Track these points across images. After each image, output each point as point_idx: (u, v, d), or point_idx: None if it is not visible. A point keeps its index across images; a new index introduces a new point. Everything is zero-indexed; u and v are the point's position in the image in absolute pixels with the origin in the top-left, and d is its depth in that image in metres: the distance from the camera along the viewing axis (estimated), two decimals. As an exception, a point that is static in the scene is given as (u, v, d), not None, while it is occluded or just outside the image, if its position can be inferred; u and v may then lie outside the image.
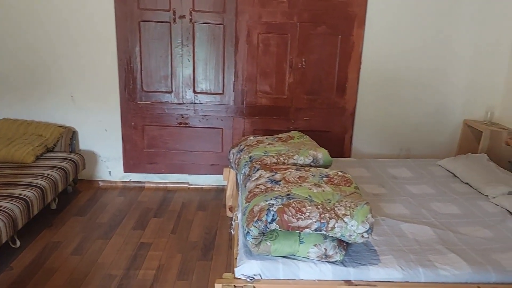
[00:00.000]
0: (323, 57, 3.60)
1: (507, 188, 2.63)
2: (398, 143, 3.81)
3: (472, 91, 3.72)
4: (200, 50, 3.55)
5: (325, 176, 2.19)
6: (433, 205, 2.52)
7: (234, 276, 1.85)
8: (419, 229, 2.20)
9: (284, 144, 2.76)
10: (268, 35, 3.55)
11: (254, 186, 2.14)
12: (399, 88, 3.71)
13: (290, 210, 1.83)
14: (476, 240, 2.12)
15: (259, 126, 3.73)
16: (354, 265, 1.87)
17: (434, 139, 3.82)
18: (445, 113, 3.77)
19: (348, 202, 1.90)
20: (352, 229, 1.80)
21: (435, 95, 3.73)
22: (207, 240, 2.94)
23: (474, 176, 2.86)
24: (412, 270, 1.86)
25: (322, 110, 3.71)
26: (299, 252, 1.87)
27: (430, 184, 2.84)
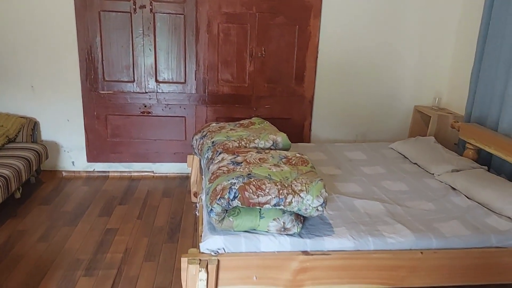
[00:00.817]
0: (282, 47, 3.73)
1: (451, 166, 2.87)
2: (354, 128, 4.02)
3: (421, 79, 3.97)
4: (162, 39, 3.60)
5: (284, 157, 2.33)
6: (384, 183, 2.72)
7: (199, 251, 1.96)
8: (370, 204, 2.38)
9: (245, 129, 2.88)
10: (228, 25, 3.65)
11: (217, 168, 2.25)
12: (354, 76, 3.90)
13: (250, 188, 1.95)
14: (420, 212, 2.33)
15: (221, 114, 3.83)
16: (310, 236, 2.02)
17: (388, 124, 4.06)
18: (397, 100, 4.01)
19: (304, 179, 2.05)
20: (307, 203, 1.95)
21: (388, 83, 3.96)
22: (173, 224, 3.03)
23: (422, 156, 3.09)
24: (363, 239, 2.04)
25: (282, 98, 3.85)
26: (259, 226, 2.00)
27: (382, 165, 3.04)
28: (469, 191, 2.55)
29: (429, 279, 2.09)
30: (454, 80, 3.88)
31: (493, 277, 2.14)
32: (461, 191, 2.60)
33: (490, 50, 3.24)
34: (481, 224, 2.23)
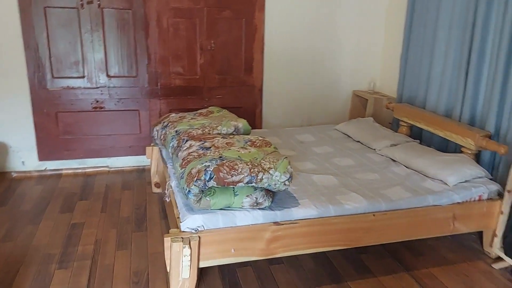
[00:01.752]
0: (230, 39, 3.91)
1: (389, 141, 3.25)
2: (300, 113, 4.32)
3: (357, 66, 4.35)
4: (111, 35, 3.63)
5: (248, 141, 2.54)
6: (334, 160, 3.03)
7: (180, 230, 2.11)
8: (325, 178, 2.67)
9: (205, 118, 3.05)
10: (177, 19, 3.76)
11: (187, 154, 2.41)
12: (298, 66, 4.19)
13: (224, 169, 2.14)
14: (369, 182, 2.66)
15: (174, 106, 3.94)
16: (279, 209, 2.25)
17: (330, 108, 4.41)
18: (337, 86, 4.37)
19: (271, 158, 2.27)
20: (276, 179, 2.17)
21: (328, 71, 4.30)
22: (139, 215, 3.12)
23: (363, 135, 3.45)
24: (324, 207, 2.31)
25: (233, 88, 4.04)
26: (234, 203, 2.20)
27: (330, 145, 3.36)
28: (407, 161, 2.92)
29: (381, 238, 2.42)
30: (385, 65, 4.31)
31: (431, 231, 2.52)
32: (400, 162, 2.97)
33: (415, 38, 3.66)
34: (419, 187, 2.60)
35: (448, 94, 3.31)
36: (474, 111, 3.08)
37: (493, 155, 2.92)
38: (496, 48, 2.85)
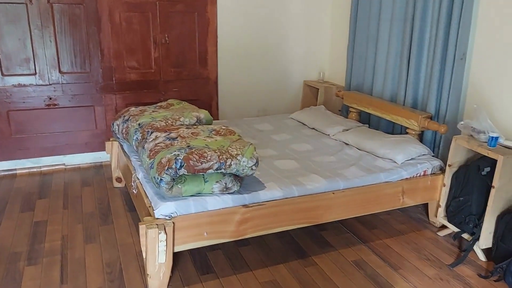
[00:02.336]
0: (184, 33, 3.97)
1: (341, 127, 3.48)
2: (256, 104, 4.47)
3: (307, 57, 4.56)
4: (62, 30, 3.56)
5: (212, 130, 2.64)
6: (293, 146, 3.20)
7: (154, 218, 2.19)
8: (287, 162, 2.84)
9: (166, 110, 3.10)
10: (130, 13, 3.75)
11: (154, 145, 2.47)
12: (251, 57, 4.33)
13: (194, 157, 2.23)
14: (326, 164, 2.86)
15: (130, 100, 3.94)
16: (247, 192, 2.38)
17: (283, 98, 4.59)
18: (289, 77, 4.56)
19: (237, 145, 2.39)
20: (244, 164, 2.30)
21: (280, 62, 4.47)
22: (103, 209, 3.13)
23: (317, 122, 3.65)
24: (288, 188, 2.47)
25: (188, 81, 4.11)
26: (205, 189, 2.30)
27: (287, 132, 3.53)
28: (359, 144, 3.16)
29: (340, 214, 2.62)
30: (333, 56, 4.55)
31: (383, 205, 2.76)
32: (352, 145, 3.20)
33: (360, 30, 3.92)
34: (371, 166, 2.83)
35: (392, 81, 3.59)
36: (416, 95, 3.37)
37: (434, 134, 3.23)
38: (433, 38, 3.15)
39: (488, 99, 2.87)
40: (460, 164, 2.77)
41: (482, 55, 2.89)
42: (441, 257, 2.60)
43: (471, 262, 2.56)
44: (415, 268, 2.49)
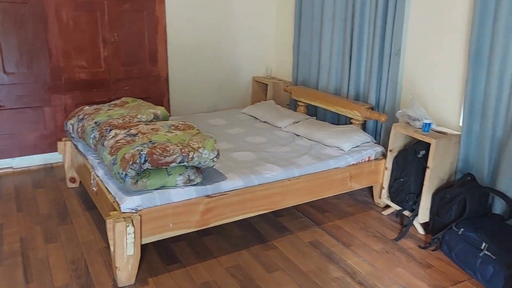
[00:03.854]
0: (133, 31, 3.98)
1: (292, 120, 3.68)
2: (207, 100, 4.58)
3: (254, 54, 4.73)
4: (6, 30, 3.46)
5: (171, 125, 2.73)
6: (248, 138, 3.36)
7: (120, 212, 2.25)
8: (244, 154, 2.99)
9: (122, 108, 3.13)
10: (78, 13, 3.71)
11: (115, 142, 2.52)
12: (201, 54, 4.43)
13: (157, 151, 2.32)
14: (281, 154, 3.04)
15: (80, 100, 3.90)
16: (210, 183, 2.50)
17: (233, 94, 4.73)
18: (238, 73, 4.71)
19: (197, 138, 2.51)
20: (205, 157, 2.42)
21: (229, 59, 4.61)
22: (59, 210, 3.10)
23: (269, 116, 3.84)
24: (248, 178, 2.62)
25: (139, 79, 4.13)
26: (168, 182, 2.39)
27: (241, 126, 3.68)
28: (308, 135, 3.38)
29: (295, 199, 2.82)
30: (280, 53, 4.76)
31: (333, 189, 2.99)
32: (303, 136, 3.41)
33: (305, 28, 4.15)
34: (321, 155, 3.06)
35: (336, 75, 3.85)
36: (358, 88, 3.65)
37: (376, 123, 3.52)
38: (371, 36, 3.43)
39: (420, 90, 3.19)
40: (400, 149, 3.07)
41: (414, 50, 3.21)
42: (386, 233, 2.88)
43: (412, 235, 2.86)
44: (364, 244, 2.74)
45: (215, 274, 2.42)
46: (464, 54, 2.84)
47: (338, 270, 2.47)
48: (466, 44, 2.82)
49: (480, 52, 2.67)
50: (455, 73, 2.93)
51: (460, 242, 2.47)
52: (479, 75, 2.70)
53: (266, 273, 2.44)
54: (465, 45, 2.83)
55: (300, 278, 2.39)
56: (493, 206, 2.71)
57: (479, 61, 2.68)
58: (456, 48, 2.90)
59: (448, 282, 2.38)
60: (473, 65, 2.70)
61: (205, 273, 2.42)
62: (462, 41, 2.85)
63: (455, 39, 2.90)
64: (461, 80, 2.89)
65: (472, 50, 2.68)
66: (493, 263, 2.27)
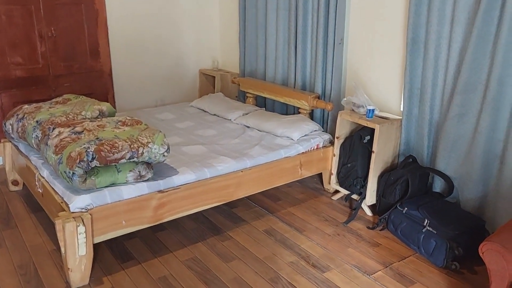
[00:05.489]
0: (71, 25, 3.81)
1: (241, 111, 3.71)
2: (153, 95, 4.49)
3: (200, 46, 4.69)
4: None
5: (118, 121, 2.66)
6: (198, 132, 3.34)
7: (70, 212, 2.17)
8: (195, 148, 2.97)
9: (64, 105, 3.00)
10: (10, 6, 3.49)
11: (59, 140, 2.42)
12: (145, 47, 4.32)
13: (105, 148, 2.26)
14: (232, 146, 3.06)
15: (18, 98, 3.69)
16: (162, 178, 2.47)
17: (180, 88, 4.67)
18: (184, 66, 4.65)
19: (146, 133, 2.46)
20: (156, 152, 2.38)
21: (175, 52, 4.54)
22: (2, 214, 2.94)
23: (218, 108, 3.83)
24: (200, 171, 2.62)
25: (81, 75, 3.97)
26: (119, 179, 2.34)
27: (190, 120, 3.65)
28: (259, 126, 3.42)
29: (248, 190, 2.85)
30: (225, 44, 4.75)
31: (285, 178, 3.05)
32: (253, 127, 3.45)
33: (249, 19, 4.17)
34: (272, 145, 3.11)
35: (282, 66, 3.91)
36: (304, 78, 3.74)
37: (323, 112, 3.63)
38: (315, 26, 3.51)
39: (363, 77, 3.32)
40: (346, 135, 3.18)
41: (356, 39, 3.33)
42: (336, 217, 2.99)
43: (361, 217, 2.99)
44: (316, 228, 2.83)
45: (172, 268, 2.40)
46: (403, 43, 2.99)
47: (293, 255, 2.54)
48: (404, 32, 2.97)
49: (416, 40, 2.82)
50: (395, 60, 3.08)
51: (405, 220, 2.62)
52: (416, 62, 2.86)
53: (223, 263, 2.46)
54: (403, 34, 2.98)
55: (256, 265, 2.44)
56: (433, 184, 2.89)
57: (415, 49, 2.84)
58: (395, 37, 3.05)
59: (395, 258, 2.52)
60: (411, 52, 2.85)
61: (162, 267, 2.40)
62: (400, 30, 3.00)
63: (393, 28, 3.04)
64: (400, 67, 3.04)
65: (409, 39, 2.83)
66: (435, 237, 2.43)
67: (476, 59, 2.51)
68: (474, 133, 2.60)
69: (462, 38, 2.58)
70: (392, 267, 2.44)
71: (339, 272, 2.39)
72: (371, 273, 2.39)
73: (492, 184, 2.58)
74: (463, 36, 2.58)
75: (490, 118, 2.50)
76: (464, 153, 2.68)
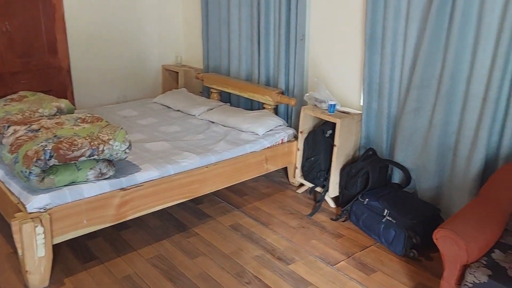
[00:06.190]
0: (28, 20, 3.68)
1: (206, 107, 3.69)
2: (115, 91, 4.39)
3: (163, 42, 4.63)
4: None
5: (77, 118, 2.59)
6: (161, 128, 3.31)
7: (27, 212, 2.10)
8: (158, 144, 2.94)
9: (20, 103, 2.90)
10: (-41, -2, 3.34)
11: (15, 139, 2.34)
12: (106, 43, 4.22)
13: (64, 146, 2.20)
14: (196, 142, 3.05)
15: (-29, 96, 3.54)
16: (124, 176, 2.44)
17: (143, 84, 4.59)
18: (147, 62, 4.58)
19: (107, 130, 2.41)
20: (117, 149, 2.34)
21: (136, 47, 4.45)
22: (-46, 218, 2.81)
23: (182, 104, 3.80)
24: (163, 168, 2.60)
25: (38, 72, 3.84)
26: (79, 177, 2.28)
27: (153, 116, 3.60)
28: (223, 121, 3.42)
29: (214, 185, 2.85)
30: (189, 40, 4.71)
31: (251, 173, 3.07)
32: (218, 122, 3.45)
33: (212, 15, 4.15)
34: (237, 140, 3.12)
35: (246, 61, 3.92)
36: (268, 74, 3.76)
37: (287, 107, 3.67)
38: (277, 22, 3.54)
39: (325, 73, 3.38)
40: (309, 130, 3.23)
41: (317, 36, 3.38)
42: (301, 209, 3.04)
43: (325, 209, 3.05)
44: (282, 222, 2.87)
45: (136, 266, 2.38)
46: (361, 39, 3.06)
47: (258, 249, 2.57)
48: (362, 29, 3.04)
49: (374, 37, 2.90)
50: (354, 56, 3.15)
51: (366, 211, 2.70)
52: (374, 58, 2.94)
53: (189, 259, 2.45)
54: (361, 30, 3.05)
55: (222, 260, 2.45)
56: (392, 176, 2.99)
57: (373, 45, 2.92)
58: (354, 33, 3.12)
59: (357, 248, 2.60)
60: (369, 48, 2.92)
61: (126, 266, 2.37)
62: (359, 27, 3.07)
63: (353, 25, 3.11)
64: (360, 63, 3.12)
65: (367, 35, 2.90)
66: (394, 226, 2.52)
67: (430, 55, 2.61)
68: (429, 127, 2.71)
69: (417, 35, 2.68)
70: (354, 257, 2.51)
71: (304, 263, 2.44)
72: (334, 264, 2.45)
73: (446, 175, 2.70)
74: (418, 33, 2.67)
75: (443, 112, 2.61)
76: (420, 145, 2.79)
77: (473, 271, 1.76)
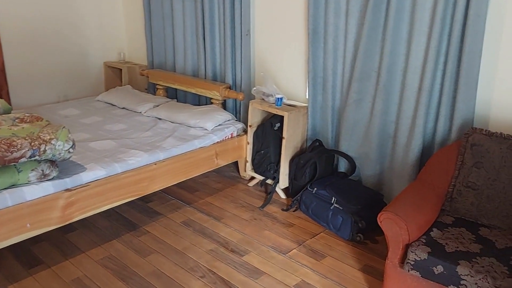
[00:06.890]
0: (-47, 14, 3.43)
1: (152, 104, 3.63)
2: (55, 90, 4.20)
3: (104, 38, 4.48)
4: None
5: (16, 118, 2.46)
6: (106, 127, 3.21)
7: (-37, 220, 1.98)
8: (103, 143, 2.86)
9: (-50, 104, 2.71)
10: None
11: None
12: (44, 41, 4.02)
13: (2, 147, 2.08)
14: (144, 139, 2.99)
15: None
16: (68, 176, 2.35)
17: (84, 81, 4.43)
18: (87, 58, 4.41)
19: (49, 130, 2.31)
20: (60, 148, 2.25)
21: (77, 44, 4.28)
22: None
23: (127, 101, 3.71)
24: (110, 167, 2.53)
25: (-32, 70, 3.59)
26: (20, 180, 2.18)
27: (97, 115, 3.49)
28: (171, 117, 3.38)
29: (163, 182, 2.82)
30: (131, 36, 4.60)
31: (201, 168, 3.07)
32: (165, 119, 3.40)
33: (155, 10, 4.08)
34: (186, 136, 3.10)
35: (192, 57, 3.90)
36: (215, 69, 3.77)
37: (235, 102, 3.69)
38: (222, 17, 3.54)
39: (271, 67, 3.44)
40: (258, 123, 3.28)
41: (262, 31, 3.43)
42: (253, 202, 3.09)
43: (276, 201, 3.12)
44: (234, 215, 2.90)
45: (85, 268, 2.31)
46: (305, 34, 3.15)
47: (212, 243, 2.58)
48: (305, 24, 3.12)
49: (316, 31, 2.99)
50: (299, 51, 3.23)
51: (314, 200, 2.79)
52: (317, 52, 3.03)
53: (141, 258, 2.42)
54: (305, 25, 3.13)
55: (175, 257, 2.44)
56: (338, 165, 3.11)
57: (316, 40, 3.01)
58: (298, 28, 3.19)
59: (308, 236, 2.68)
60: (312, 43, 3.01)
61: (74, 269, 2.30)
62: (302, 21, 3.15)
63: (296, 20, 3.19)
64: (304, 57, 3.20)
65: (310, 30, 2.99)
66: (341, 213, 2.63)
67: (369, 49, 2.74)
68: (370, 117, 2.84)
69: (356, 30, 2.79)
70: (305, 244, 2.59)
71: (257, 254, 2.48)
72: (286, 252, 2.51)
73: (387, 162, 2.85)
74: (357, 28, 2.79)
75: (383, 103, 2.75)
76: (362, 135, 2.92)
77: (414, 249, 1.88)
